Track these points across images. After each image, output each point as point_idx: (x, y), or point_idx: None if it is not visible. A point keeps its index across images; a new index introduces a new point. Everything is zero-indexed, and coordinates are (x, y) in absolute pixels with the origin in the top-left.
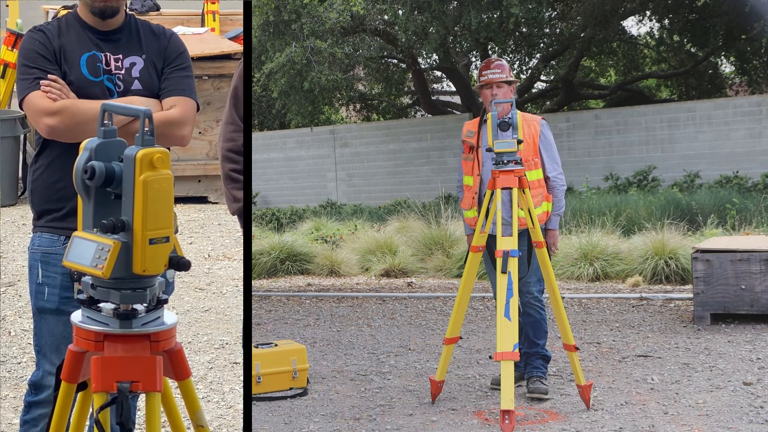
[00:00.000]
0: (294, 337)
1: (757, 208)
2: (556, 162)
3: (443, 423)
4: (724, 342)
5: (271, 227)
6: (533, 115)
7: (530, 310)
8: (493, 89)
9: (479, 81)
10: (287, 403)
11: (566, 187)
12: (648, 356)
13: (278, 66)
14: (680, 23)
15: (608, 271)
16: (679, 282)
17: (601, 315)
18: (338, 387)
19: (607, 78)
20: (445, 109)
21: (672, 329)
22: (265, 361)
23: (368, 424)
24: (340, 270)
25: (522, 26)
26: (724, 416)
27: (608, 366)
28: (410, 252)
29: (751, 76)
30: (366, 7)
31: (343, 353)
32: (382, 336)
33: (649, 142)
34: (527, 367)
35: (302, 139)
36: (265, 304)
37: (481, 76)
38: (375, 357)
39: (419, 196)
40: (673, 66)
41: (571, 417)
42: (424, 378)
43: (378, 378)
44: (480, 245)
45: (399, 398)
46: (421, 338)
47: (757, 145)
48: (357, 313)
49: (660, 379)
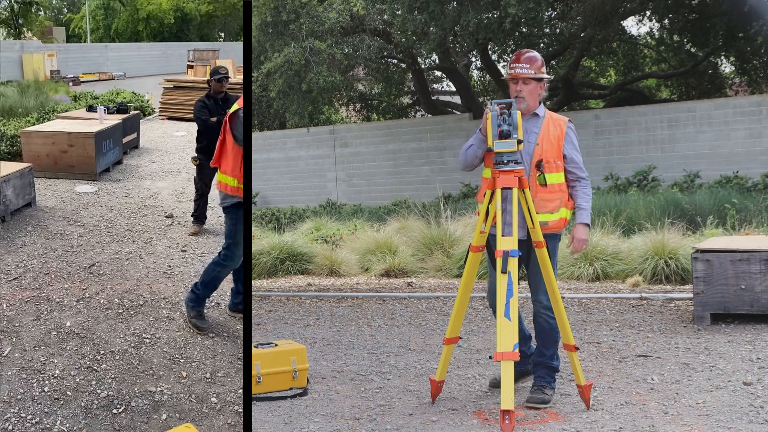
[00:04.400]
0: (294, 337)
1: (757, 208)
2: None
3: (443, 423)
4: (724, 342)
5: (271, 227)
6: (560, 116)
7: (539, 319)
8: (518, 84)
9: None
10: (287, 403)
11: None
12: (648, 356)
13: (276, 66)
14: (680, 23)
15: (608, 271)
16: (679, 282)
17: (601, 315)
18: (338, 387)
19: (607, 78)
20: (445, 109)
21: (672, 329)
22: (265, 361)
23: (368, 424)
24: (340, 270)
25: (521, 26)
26: (724, 416)
27: (608, 366)
28: (410, 252)
29: (751, 76)
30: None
31: (343, 353)
32: (382, 336)
33: (649, 142)
34: (534, 374)
35: (302, 139)
36: (265, 304)
37: (509, 69)
38: (375, 357)
39: (419, 196)
40: (673, 66)
41: (571, 417)
42: (424, 378)
43: (378, 378)
44: (480, 245)
45: (399, 398)
46: (421, 338)
47: (757, 145)
48: (357, 313)
49: (660, 379)
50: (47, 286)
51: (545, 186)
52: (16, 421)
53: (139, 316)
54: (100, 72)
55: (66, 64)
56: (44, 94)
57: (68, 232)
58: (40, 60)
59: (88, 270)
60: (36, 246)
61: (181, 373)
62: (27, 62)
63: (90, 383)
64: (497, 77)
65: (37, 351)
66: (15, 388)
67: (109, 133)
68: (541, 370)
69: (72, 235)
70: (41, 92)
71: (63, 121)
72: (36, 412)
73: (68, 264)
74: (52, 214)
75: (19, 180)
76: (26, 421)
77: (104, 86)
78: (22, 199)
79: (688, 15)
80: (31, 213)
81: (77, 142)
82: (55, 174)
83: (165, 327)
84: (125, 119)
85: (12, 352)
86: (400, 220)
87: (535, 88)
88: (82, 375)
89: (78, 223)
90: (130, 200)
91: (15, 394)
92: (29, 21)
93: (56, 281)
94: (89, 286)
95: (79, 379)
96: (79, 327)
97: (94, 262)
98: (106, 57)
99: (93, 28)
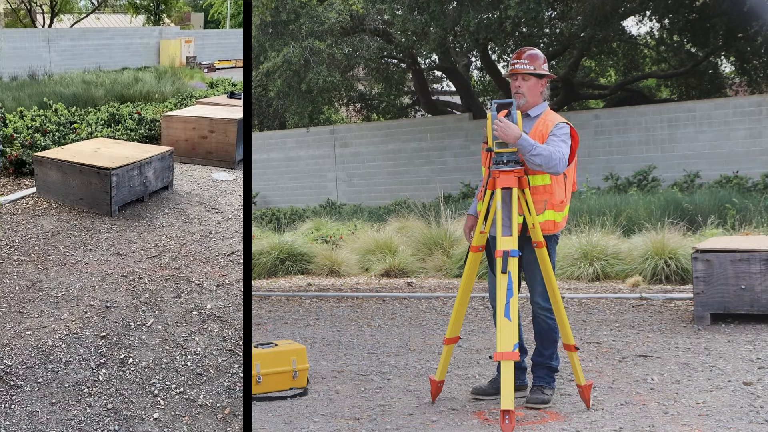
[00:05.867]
0: (294, 337)
1: (757, 208)
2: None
3: (443, 423)
4: (724, 342)
5: (271, 227)
6: (556, 117)
7: (538, 319)
8: (518, 80)
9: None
10: (287, 403)
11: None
12: (648, 356)
13: (275, 66)
14: (680, 23)
15: (608, 271)
16: (679, 282)
17: (601, 315)
18: (338, 387)
19: (607, 78)
20: (445, 109)
21: (672, 329)
22: (265, 361)
23: (368, 424)
24: (340, 270)
25: (521, 26)
26: (724, 416)
27: (608, 366)
28: (410, 252)
29: (751, 76)
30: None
31: (343, 353)
32: (382, 336)
33: (649, 142)
34: (533, 374)
35: (302, 139)
36: (265, 304)
37: (509, 66)
38: (375, 357)
39: (419, 196)
40: (673, 66)
41: (571, 417)
42: (424, 378)
43: (378, 378)
44: (480, 245)
45: (399, 398)
46: (421, 338)
47: (757, 145)
48: (357, 313)
49: (660, 379)
50: (186, 267)
51: (529, 187)
52: (161, 387)
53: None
54: (236, 59)
55: (203, 50)
56: (180, 80)
57: (206, 218)
58: (177, 46)
59: (227, 257)
60: (174, 228)
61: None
62: (164, 48)
63: (232, 365)
64: (497, 77)
65: (179, 327)
66: (159, 357)
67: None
68: (541, 370)
69: (210, 222)
70: (177, 78)
71: (204, 107)
72: (180, 383)
73: (207, 249)
74: (189, 198)
75: (159, 162)
76: (170, 389)
77: (238, 72)
78: (161, 181)
79: (688, 15)
80: (168, 196)
81: (218, 129)
82: (191, 160)
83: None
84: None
85: (155, 324)
86: (400, 220)
87: (536, 85)
88: (224, 356)
89: (215, 210)
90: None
91: (159, 362)
92: (168, 7)
93: (195, 264)
94: (228, 273)
95: (221, 359)
96: (220, 311)
97: (233, 251)
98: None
99: (233, 13)
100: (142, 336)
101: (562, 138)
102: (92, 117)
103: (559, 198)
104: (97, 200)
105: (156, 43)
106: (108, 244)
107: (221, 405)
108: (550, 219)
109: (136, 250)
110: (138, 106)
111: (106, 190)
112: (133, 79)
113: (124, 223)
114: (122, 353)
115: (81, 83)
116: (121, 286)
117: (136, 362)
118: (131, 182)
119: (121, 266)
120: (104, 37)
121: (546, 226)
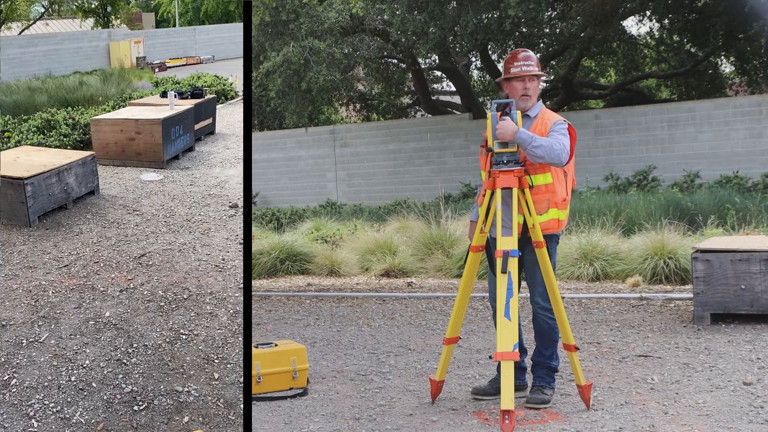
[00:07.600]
0: (294, 337)
1: (757, 208)
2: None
3: (443, 423)
4: (724, 342)
5: (271, 227)
6: (554, 116)
7: (538, 319)
8: (525, 82)
9: (507, 73)
10: (287, 403)
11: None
12: (648, 356)
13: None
14: (680, 23)
15: (608, 271)
16: (679, 282)
17: (601, 315)
18: (338, 387)
19: (607, 78)
20: (445, 109)
21: (672, 329)
22: (265, 361)
23: (368, 424)
24: (340, 270)
25: (521, 26)
26: (724, 416)
27: (608, 366)
28: (410, 252)
29: (751, 76)
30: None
31: (343, 353)
32: (382, 336)
33: (649, 142)
34: (533, 374)
35: (302, 139)
36: (265, 304)
37: (511, 68)
38: (375, 357)
39: (419, 196)
40: (673, 66)
41: (571, 417)
42: (424, 378)
43: (378, 378)
44: (480, 245)
45: (399, 398)
46: (421, 338)
47: (757, 145)
48: (357, 313)
49: (660, 379)
50: (94, 274)
51: (532, 187)
52: (39, 407)
53: (181, 310)
54: (187, 56)
55: (153, 50)
56: (126, 82)
57: (125, 221)
58: (126, 47)
59: (137, 260)
60: (91, 234)
61: (213, 375)
62: (113, 50)
63: (116, 376)
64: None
65: (72, 339)
66: (44, 375)
67: (179, 119)
68: (541, 370)
69: (128, 224)
70: (124, 80)
71: (133, 108)
72: (59, 401)
73: (119, 253)
74: (113, 202)
75: (81, 168)
76: (48, 409)
77: (190, 71)
78: (84, 187)
79: (688, 15)
80: (93, 201)
81: (144, 129)
82: (123, 162)
83: (205, 323)
84: (199, 104)
85: (48, 339)
86: (400, 220)
87: (537, 85)
88: (111, 367)
89: (137, 212)
90: (195, 189)
91: (43, 380)
92: (116, 9)
93: (104, 270)
94: (135, 276)
95: (106, 371)
96: (118, 318)
97: (145, 253)
98: (195, 41)
99: (182, 11)
100: (33, 353)
101: (561, 133)
102: (26, 125)
103: (561, 196)
104: (15, 212)
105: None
106: (21, 257)
107: (96, 421)
108: (554, 217)
109: (48, 261)
110: (77, 111)
111: (22, 200)
112: (78, 83)
113: (43, 233)
114: (7, 374)
115: (26, 90)
116: (22, 302)
117: (20, 382)
118: (50, 190)
119: (28, 280)
120: (53, 43)
121: (550, 225)
